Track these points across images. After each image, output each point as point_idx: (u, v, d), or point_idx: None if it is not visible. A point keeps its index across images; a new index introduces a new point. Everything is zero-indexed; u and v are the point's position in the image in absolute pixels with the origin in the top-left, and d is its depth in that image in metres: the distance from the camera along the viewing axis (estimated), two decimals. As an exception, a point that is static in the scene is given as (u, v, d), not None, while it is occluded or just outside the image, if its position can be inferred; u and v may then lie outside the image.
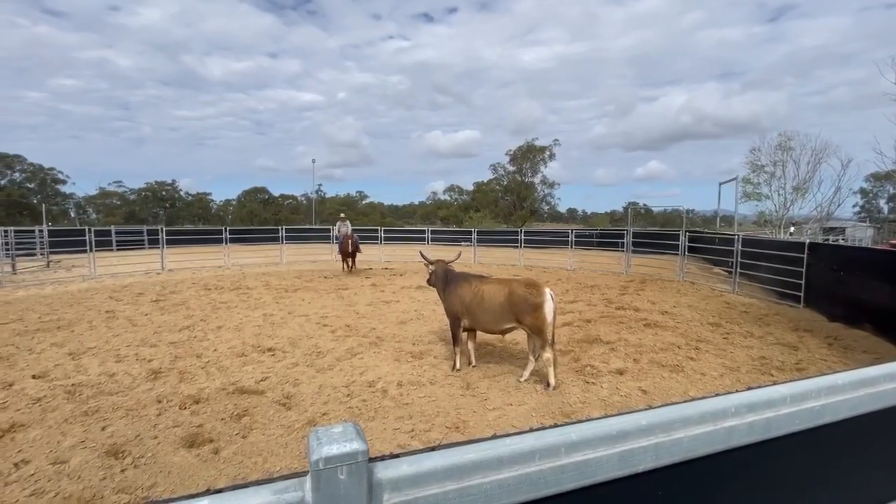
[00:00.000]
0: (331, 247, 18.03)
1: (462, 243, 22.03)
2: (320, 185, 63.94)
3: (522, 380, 4.85)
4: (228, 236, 16.45)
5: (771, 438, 0.97)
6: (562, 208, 59.67)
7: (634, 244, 14.74)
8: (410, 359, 5.58)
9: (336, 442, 0.57)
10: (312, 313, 8.13)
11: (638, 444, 0.80)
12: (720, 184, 16.94)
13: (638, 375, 5.08)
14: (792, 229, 23.11)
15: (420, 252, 6.36)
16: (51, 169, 47.41)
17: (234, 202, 58.64)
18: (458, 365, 5.20)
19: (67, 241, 16.91)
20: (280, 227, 18.70)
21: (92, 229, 13.55)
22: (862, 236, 28.85)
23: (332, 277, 13.03)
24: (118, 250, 19.05)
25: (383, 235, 18.82)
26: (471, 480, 0.66)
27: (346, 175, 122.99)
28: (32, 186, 46.36)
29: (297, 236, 21.54)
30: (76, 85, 79.12)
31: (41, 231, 16.57)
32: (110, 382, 4.74)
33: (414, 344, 6.20)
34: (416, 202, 69.11)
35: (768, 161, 23.90)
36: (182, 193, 55.53)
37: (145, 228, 23.53)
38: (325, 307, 8.70)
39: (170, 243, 15.48)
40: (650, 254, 15.43)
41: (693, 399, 0.93)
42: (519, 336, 6.54)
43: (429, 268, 5.66)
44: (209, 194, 59.19)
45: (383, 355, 5.74)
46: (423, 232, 19.84)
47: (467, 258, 17.76)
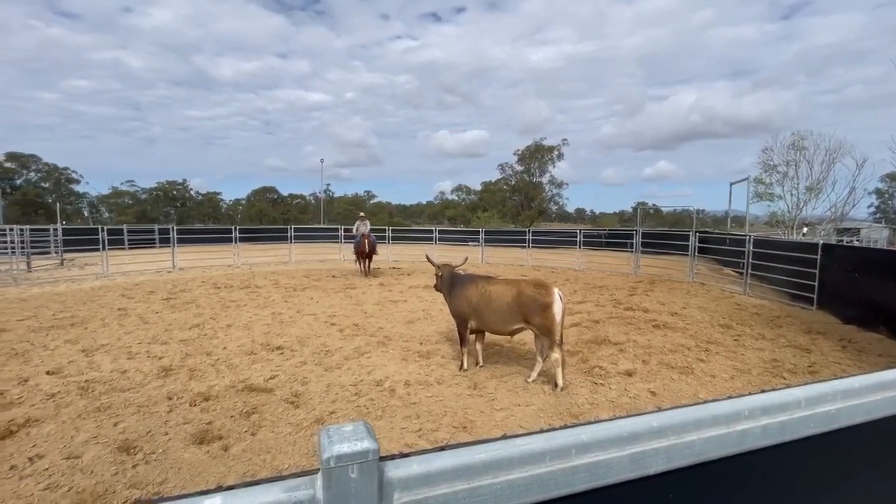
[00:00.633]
0: (339, 246, 18.13)
1: (470, 243, 22.02)
2: (328, 185, 64.46)
3: (530, 380, 4.83)
4: (238, 235, 16.60)
5: (785, 442, 0.95)
6: (570, 208, 59.40)
7: (644, 244, 14.61)
8: (418, 358, 5.59)
9: (347, 440, 0.57)
10: (321, 312, 8.17)
11: (649, 447, 0.79)
12: (731, 184, 16.76)
13: (647, 377, 5.04)
14: (805, 230, 22.74)
15: (427, 255, 6.37)
16: (65, 169, 48.24)
17: (244, 202, 59.20)
18: (466, 365, 5.20)
19: (81, 240, 17.18)
20: (289, 227, 18.82)
21: (105, 228, 13.74)
22: (877, 237, 28.32)
23: (341, 277, 13.09)
24: (130, 249, 19.32)
25: (391, 235, 18.87)
26: (481, 481, 0.66)
27: (355, 175, 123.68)
28: (47, 186, 47.16)
29: (306, 236, 21.68)
30: (89, 86, 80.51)
31: (55, 230, 16.84)
32: (122, 379, 4.80)
33: (421, 343, 6.21)
34: (424, 202, 69.30)
35: (781, 161, 23.56)
36: (192, 193, 56.17)
37: (156, 227, 23.82)
38: (333, 306, 8.75)
39: (180, 242, 15.65)
40: (659, 254, 15.30)
41: (705, 401, 0.92)
42: (527, 336, 6.52)
43: (438, 272, 5.63)
44: (219, 194, 59.83)
45: (391, 354, 5.75)
46: (431, 232, 19.86)
47: (475, 258, 17.75)
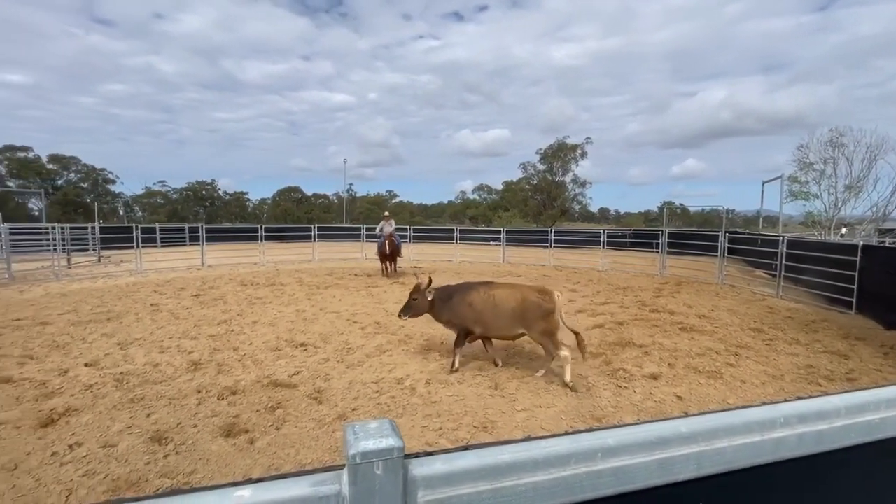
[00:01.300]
0: (361, 245, 18.34)
1: (491, 243, 21.94)
2: (351, 185, 65.19)
3: (539, 374, 5.02)
4: (264, 234, 17.00)
5: (823, 452, 0.91)
6: (594, 208, 58.30)
7: (670, 245, 14.25)
8: (438, 357, 5.60)
9: (372, 437, 0.58)
10: (343, 310, 8.28)
11: (679, 452, 0.77)
12: (764, 182, 16.20)
13: (673, 381, 4.91)
14: (843, 231, 21.72)
15: (418, 285, 5.34)
16: (102, 169, 50.27)
17: (269, 201, 60.48)
18: (457, 365, 5.14)
19: (117, 238, 17.96)
20: (312, 226, 19.15)
21: (138, 227, 14.30)
22: (923, 239, 26.82)
23: (363, 275, 13.24)
24: (162, 247, 20.01)
25: (413, 234, 18.97)
26: (505, 482, 0.66)
27: (377, 174, 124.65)
28: (86, 186, 49.29)
29: (329, 234, 22.03)
30: (124, 90, 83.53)
31: (93, 228, 17.60)
32: (154, 372, 4.99)
33: (442, 343, 6.22)
34: (446, 201, 69.22)
35: (817, 158, 22.51)
36: (221, 193, 57.66)
37: (186, 226, 24.59)
38: (356, 304, 8.85)
39: (209, 240, 16.12)
40: (687, 255, 14.90)
41: (737, 407, 0.89)
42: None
43: (422, 294, 5.21)
44: (246, 193, 61.22)
45: (412, 353, 5.78)
46: (452, 231, 19.87)
47: (496, 257, 17.68)
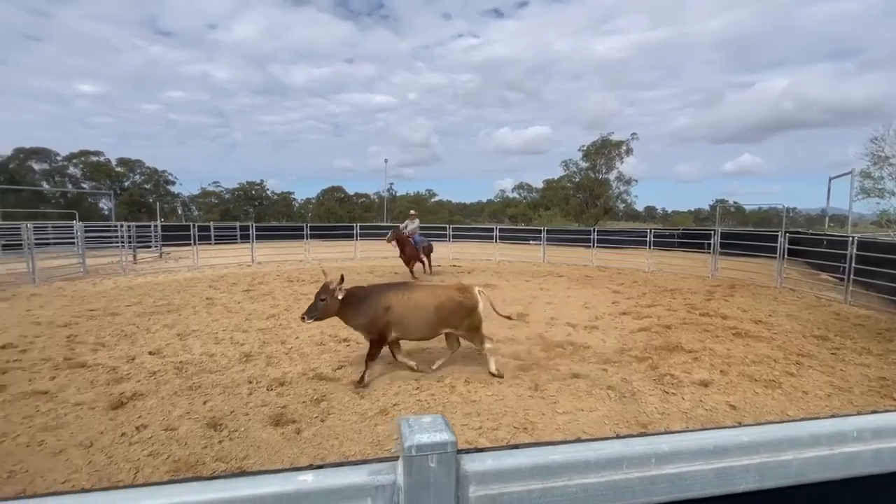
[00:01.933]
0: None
1: (531, 242, 21.65)
2: (392, 184, 66.17)
3: (435, 367, 5.09)
4: (309, 233, 17.64)
5: (901, 471, 0.85)
6: (639, 206, 56.27)
7: (723, 245, 13.49)
8: (477, 357, 5.59)
9: (427, 431, 0.60)
10: (384, 307, 8.44)
11: (738, 462, 0.74)
12: (831, 178, 15.03)
13: (725, 389, 4.66)
14: (924, 231, 19.73)
15: (326, 285, 4.66)
16: (163, 171, 54.02)
17: (314, 200, 62.64)
18: (368, 379, 4.66)
19: (176, 235, 19.23)
20: (354, 225, 19.65)
21: (195, 225, 15.22)
22: None
23: (403, 273, 13.44)
24: (216, 244, 21.20)
25: (452, 233, 19.05)
26: (556, 482, 0.66)
27: (416, 174, 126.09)
28: (149, 187, 53.06)
29: (370, 233, 22.51)
30: (183, 97, 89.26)
31: (155, 226, 18.92)
32: (210, 362, 5.30)
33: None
34: (485, 200, 69.07)
35: (894, 152, 20.60)
36: (269, 193, 60.40)
37: (238, 225, 25.94)
38: (396, 302, 9.00)
39: (258, 238, 16.91)
40: (741, 256, 14.07)
41: (803, 419, 0.84)
42: (591, 339, 6.31)
43: (331, 293, 4.57)
44: (292, 193, 63.83)
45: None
46: (492, 230, 19.77)
47: (536, 257, 17.42)
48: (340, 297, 4.64)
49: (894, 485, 0.84)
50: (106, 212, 45.74)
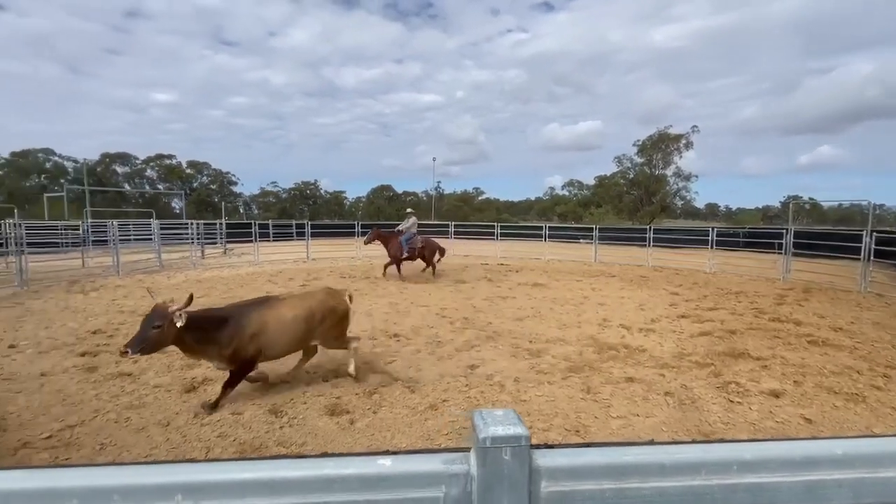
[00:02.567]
0: (448, 241, 18.72)
1: (581, 241, 21.05)
2: (439, 183, 66.64)
3: (351, 371, 4.75)
4: (360, 230, 18.19)
5: None
6: (699, 203, 53.14)
7: (796, 245, 12.44)
8: (527, 356, 5.54)
9: (500, 424, 0.61)
10: (432, 304, 8.55)
11: (830, 477, 0.69)
12: (927, 172, 13.41)
13: (800, 400, 4.31)
14: None
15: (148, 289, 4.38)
16: (227, 173, 57.76)
17: (364, 199, 64.45)
18: (221, 405, 4.08)
19: (238, 233, 20.51)
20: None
21: (256, 223, 16.16)
22: None
23: (450, 271, 13.54)
24: (274, 241, 22.37)
25: (499, 232, 18.92)
26: (629, 483, 0.65)
27: (463, 172, 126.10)
28: (214, 187, 56.94)
29: (418, 230, 22.82)
30: (244, 102, 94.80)
31: (221, 224, 20.27)
32: (271, 352, 5.61)
33: (531, 342, 6.14)
34: (533, 198, 67.91)
35: None
36: (322, 192, 62.87)
37: (294, 223, 27.21)
38: (444, 299, 9.09)
39: (313, 236, 17.66)
40: (818, 258, 12.91)
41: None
42: (647, 342, 6.04)
43: (171, 320, 3.57)
44: (343, 192, 65.96)
45: (500, 350, 5.79)
46: (540, 228, 19.41)
47: (587, 256, 16.91)
48: (181, 325, 3.60)
49: None
50: (177, 210, 49.67)
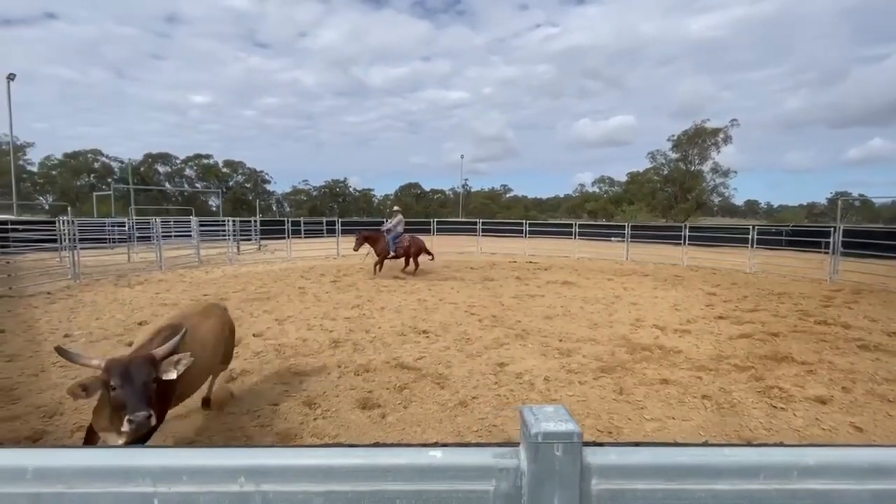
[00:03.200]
0: (476, 239, 18.69)
1: (612, 239, 20.58)
2: (466, 180, 66.74)
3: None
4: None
5: None
6: (738, 200, 50.94)
7: (845, 245, 11.77)
8: (557, 355, 5.47)
9: (552, 420, 0.61)
10: (461, 301, 8.57)
11: (900, 486, 0.65)
12: None
13: (849, 408, 4.08)
14: None
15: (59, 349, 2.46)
16: (260, 171, 59.65)
17: (392, 196, 65.11)
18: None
19: (271, 230, 21.11)
20: (431, 220, 20.10)
21: (289, 220, 16.59)
22: None
23: (478, 268, 13.52)
24: (305, 238, 22.91)
25: (528, 229, 18.73)
26: (682, 484, 0.63)
27: (491, 169, 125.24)
28: (249, 186, 58.84)
29: (446, 228, 22.90)
30: (276, 102, 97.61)
31: (255, 221, 20.93)
32: (304, 346, 5.76)
33: (561, 340, 6.06)
34: (562, 195, 66.84)
35: None
36: (351, 190, 63.95)
37: (324, 220, 27.79)
38: (472, 297, 9.08)
39: (343, 233, 17.98)
40: (870, 258, 12.16)
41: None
42: (683, 343, 5.86)
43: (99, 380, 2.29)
44: (372, 190, 66.96)
45: (529, 349, 5.74)
46: (570, 226, 19.10)
47: (618, 254, 16.52)
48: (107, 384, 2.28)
49: None
50: (214, 208, 51.60)
